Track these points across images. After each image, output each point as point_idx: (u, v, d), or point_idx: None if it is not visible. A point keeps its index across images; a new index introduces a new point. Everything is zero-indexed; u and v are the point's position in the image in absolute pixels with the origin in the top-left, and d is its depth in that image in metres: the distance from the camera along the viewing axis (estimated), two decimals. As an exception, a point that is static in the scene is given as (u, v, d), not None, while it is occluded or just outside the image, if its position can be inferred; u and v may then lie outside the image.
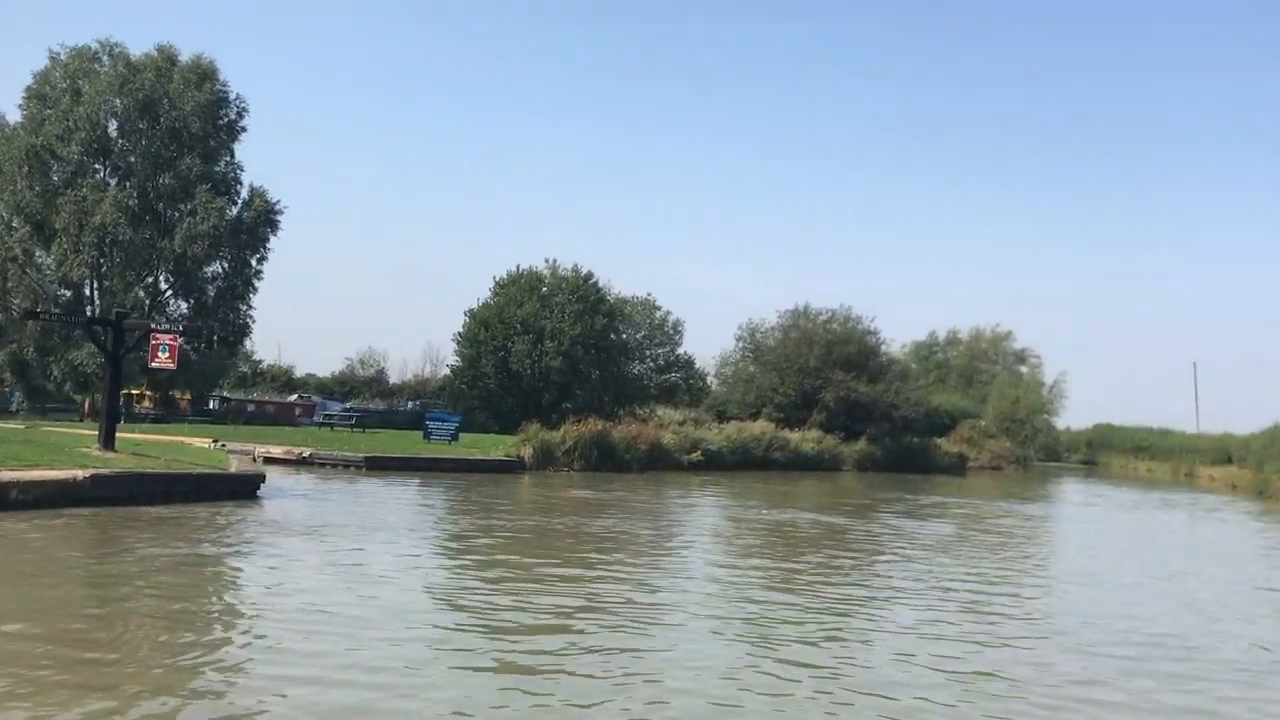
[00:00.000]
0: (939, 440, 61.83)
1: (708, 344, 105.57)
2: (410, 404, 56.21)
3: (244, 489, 20.53)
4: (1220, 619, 13.94)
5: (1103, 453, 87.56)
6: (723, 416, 51.63)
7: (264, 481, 21.41)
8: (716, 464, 41.56)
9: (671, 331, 57.16)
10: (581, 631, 10.68)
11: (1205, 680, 10.21)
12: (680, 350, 58.75)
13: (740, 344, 57.42)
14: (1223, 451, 68.29)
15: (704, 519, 24.53)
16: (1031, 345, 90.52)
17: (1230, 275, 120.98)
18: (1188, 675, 10.39)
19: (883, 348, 58.50)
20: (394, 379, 68.03)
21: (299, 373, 67.92)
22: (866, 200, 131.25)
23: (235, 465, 22.72)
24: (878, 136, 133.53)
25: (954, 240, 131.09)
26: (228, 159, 44.89)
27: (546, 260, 51.32)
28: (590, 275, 50.76)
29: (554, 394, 48.10)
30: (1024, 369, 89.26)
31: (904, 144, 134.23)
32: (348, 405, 52.39)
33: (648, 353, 57.85)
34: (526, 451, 34.32)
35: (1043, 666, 10.35)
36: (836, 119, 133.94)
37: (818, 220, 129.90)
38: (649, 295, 56.07)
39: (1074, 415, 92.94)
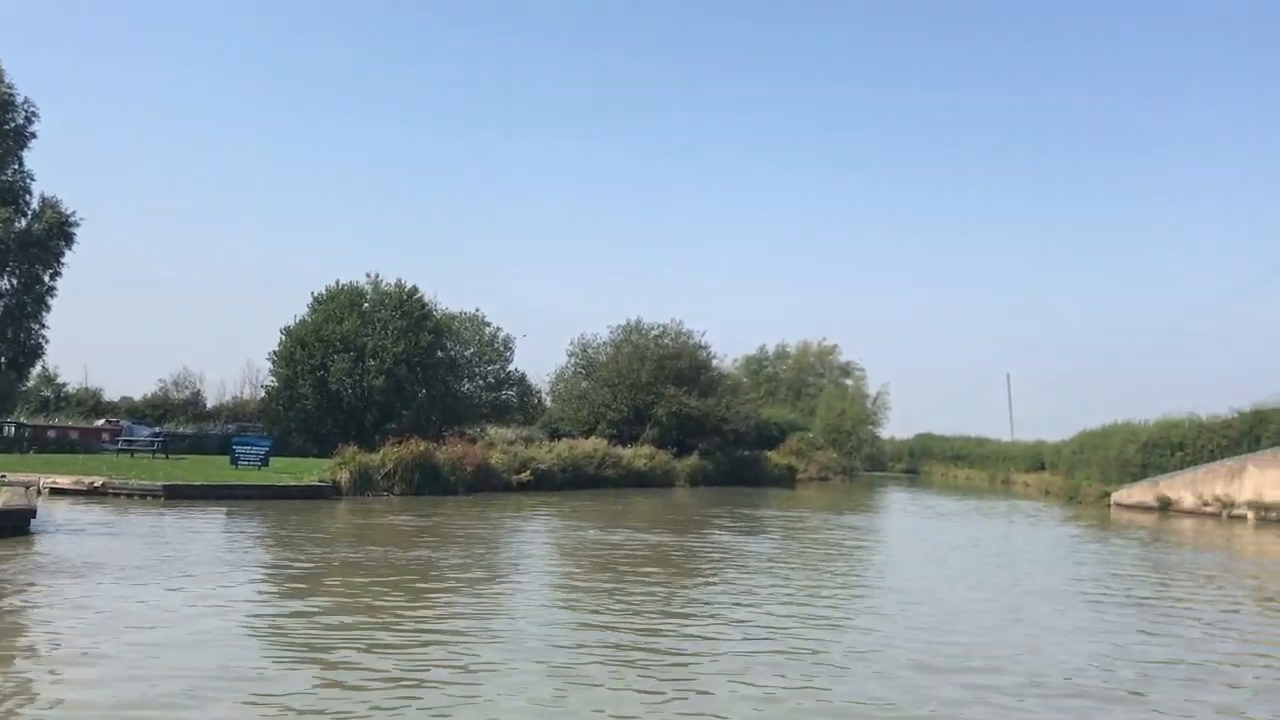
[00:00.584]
0: (769, 453, 62.60)
1: (544, 361, 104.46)
2: (227, 427, 53.22)
3: (8, 525, 18.45)
4: (1041, 632, 13.86)
5: (924, 461, 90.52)
6: (557, 434, 50.77)
7: (34, 516, 19.34)
8: (547, 484, 40.62)
9: (502, 348, 55.93)
10: (378, 673, 9.61)
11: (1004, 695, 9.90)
12: (511, 367, 57.56)
13: (573, 360, 56.71)
14: (1036, 458, 71.31)
15: (527, 543, 23.55)
16: (856, 358, 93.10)
17: (1040, 292, 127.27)
18: (995, 688, 10.06)
19: (714, 362, 58.79)
20: (211, 401, 64.46)
21: (111, 395, 63.55)
22: (699, 215, 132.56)
23: (3, 498, 20.49)
24: (714, 150, 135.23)
25: (785, 254, 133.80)
26: (15, 167, 41.56)
27: (368, 275, 49.42)
28: (415, 290, 49.10)
29: (377, 414, 46.22)
30: (849, 381, 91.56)
31: (734, 160, 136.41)
32: (156, 429, 49.15)
33: (477, 370, 56.44)
34: (342, 476, 32.56)
35: (858, 688, 9.85)
36: (679, 135, 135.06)
37: (649, 235, 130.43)
38: (478, 311, 54.70)
39: (897, 425, 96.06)
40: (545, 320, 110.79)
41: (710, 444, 52.91)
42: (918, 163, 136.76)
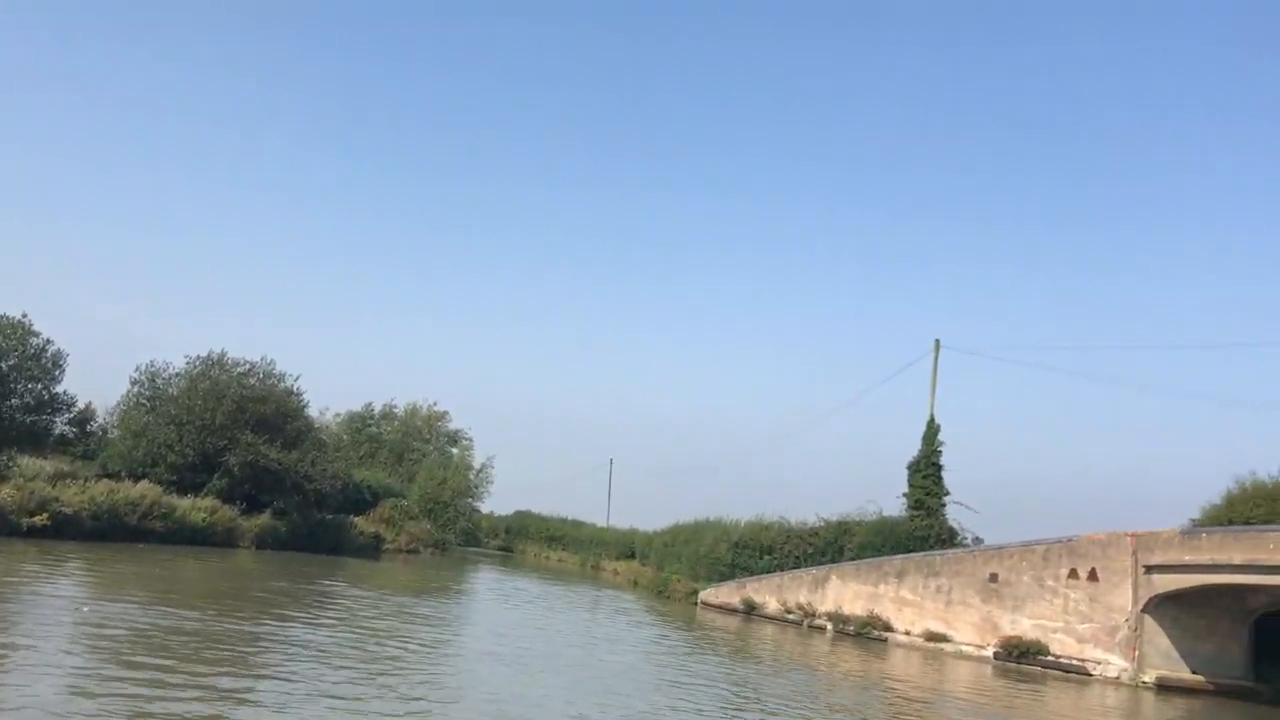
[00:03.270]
0: (356, 518, 57.30)
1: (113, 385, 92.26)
2: None
3: None
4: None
5: (520, 540, 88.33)
6: (111, 474, 42.91)
7: None
8: (71, 531, 33.60)
9: (50, 365, 47.09)
10: None
11: None
12: (61, 389, 48.59)
13: (136, 388, 48.78)
14: (628, 546, 70.93)
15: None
16: (466, 427, 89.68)
17: (652, 382, 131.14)
18: None
19: (307, 411, 53.05)
20: None
21: None
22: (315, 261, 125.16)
23: None
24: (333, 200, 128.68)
25: (398, 314, 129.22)
26: None
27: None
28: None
29: None
30: (455, 450, 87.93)
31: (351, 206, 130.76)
32: None
33: (16, 387, 47.12)
34: None
35: None
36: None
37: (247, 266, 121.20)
38: (24, 318, 45.78)
39: (499, 500, 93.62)
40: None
41: (288, 502, 47.05)
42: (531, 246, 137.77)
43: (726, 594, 42.98)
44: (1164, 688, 30.79)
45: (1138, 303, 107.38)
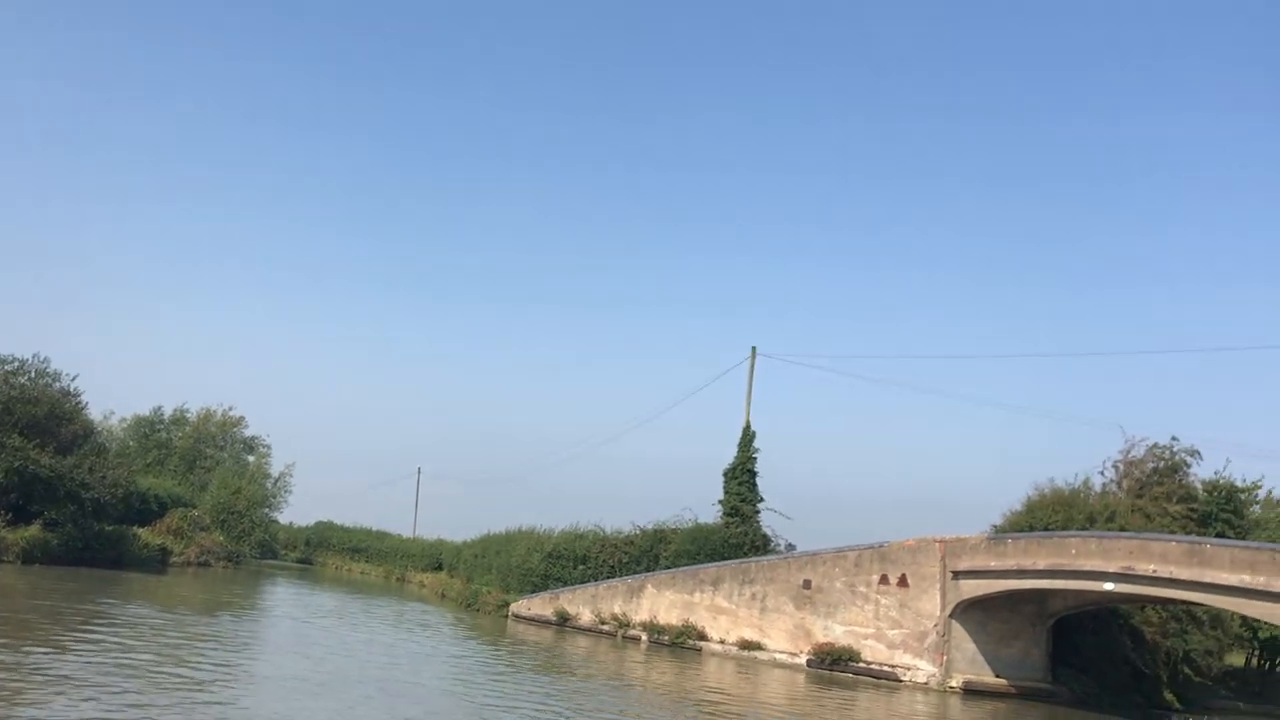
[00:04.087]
0: (141, 530, 53.05)
1: None
2: None
3: None
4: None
5: (321, 551, 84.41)
6: None
7: None
8: None
9: None
10: None
11: None
12: None
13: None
14: (436, 558, 68.59)
15: None
16: (264, 434, 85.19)
17: (459, 392, 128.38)
18: None
19: (85, 413, 48.77)
20: None
21: None
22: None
23: None
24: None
25: (199, 316, 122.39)
26: None
27: None
28: None
29: None
30: (252, 458, 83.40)
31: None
32: None
33: None
34: None
35: None
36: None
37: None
38: None
39: (300, 511, 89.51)
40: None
41: (61, 513, 42.94)
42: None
43: (539, 605, 41.69)
44: (970, 692, 31.34)
45: (957, 312, 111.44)
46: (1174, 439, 39.10)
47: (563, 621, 40.00)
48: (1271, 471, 78.74)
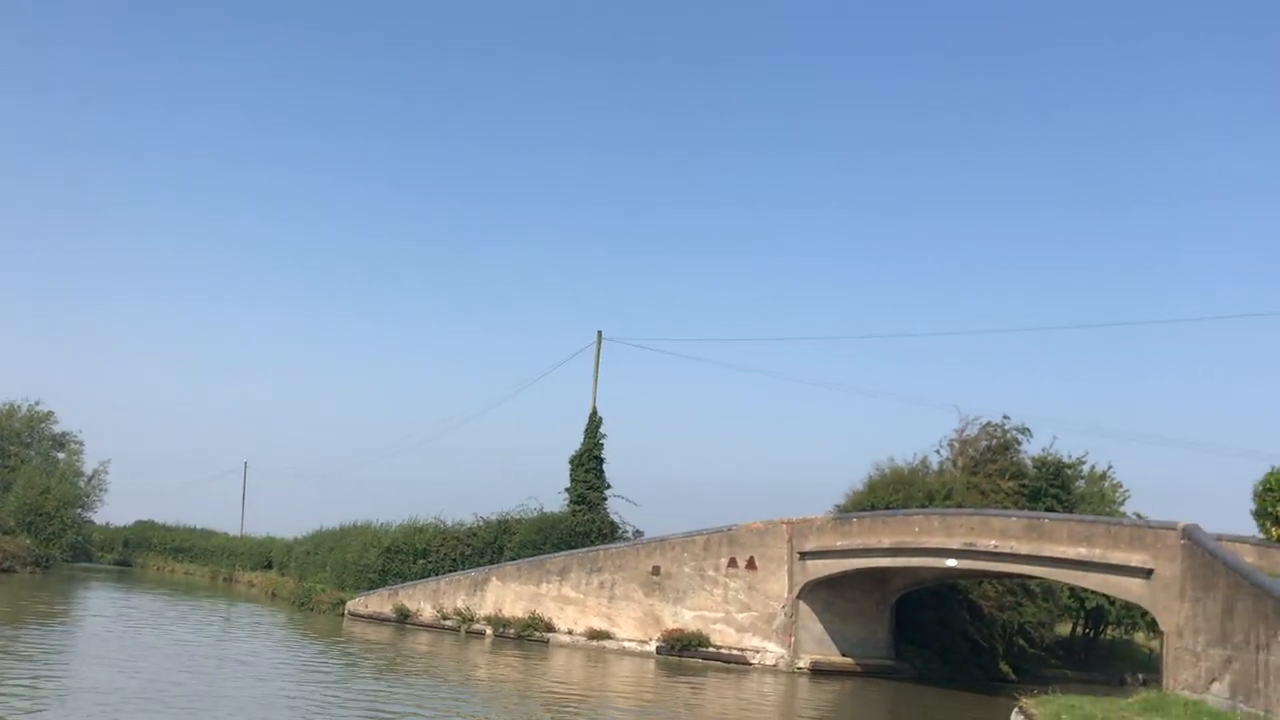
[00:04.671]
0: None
1: None
2: None
3: None
4: None
5: (141, 552, 79.70)
6: None
7: None
8: None
9: None
10: None
11: None
12: None
13: None
14: (265, 556, 65.50)
15: None
16: (76, 429, 79.75)
17: (286, 385, 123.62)
18: None
19: None
20: None
21: None
22: None
23: None
24: None
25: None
26: None
27: None
28: None
29: None
30: (62, 456, 78.03)
31: None
32: None
33: None
34: None
35: None
36: None
37: None
38: None
39: (117, 510, 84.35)
40: None
41: None
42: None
43: (377, 603, 39.95)
44: (817, 672, 31.44)
45: (809, 294, 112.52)
46: (1005, 418, 40.23)
47: (403, 618, 38.41)
48: (1095, 447, 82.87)
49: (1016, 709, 20.77)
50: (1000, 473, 38.05)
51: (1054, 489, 39.26)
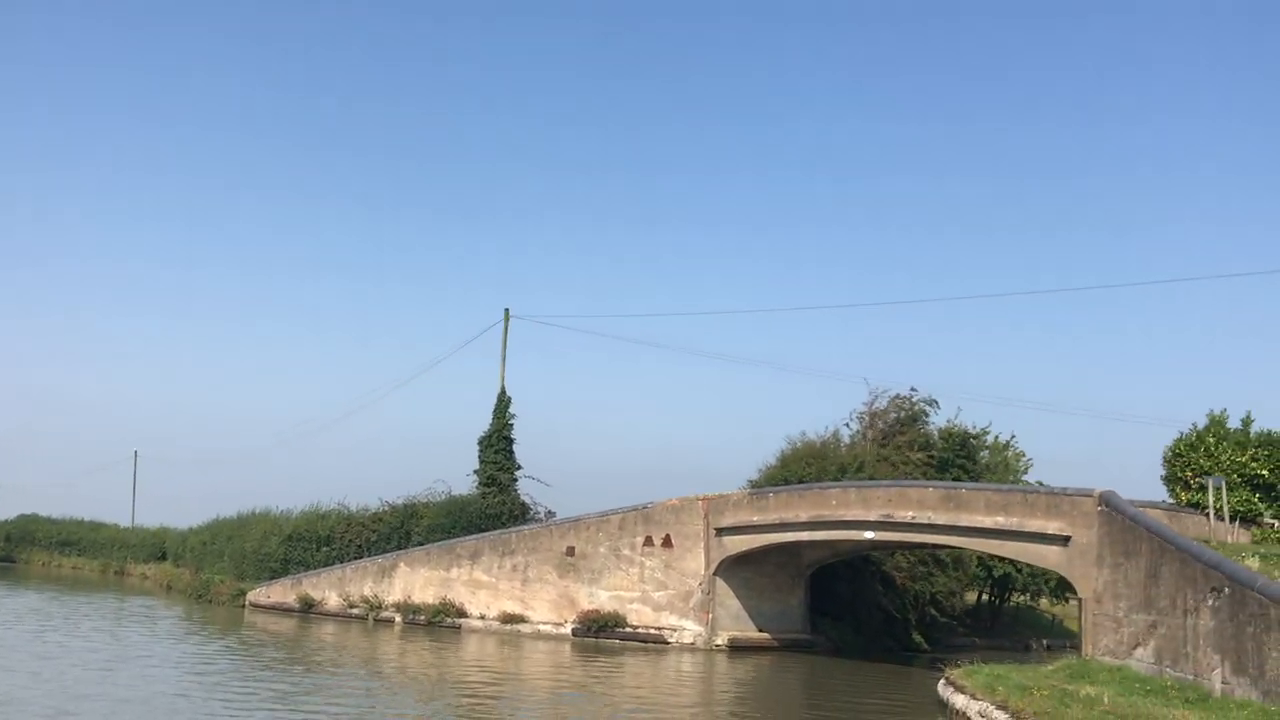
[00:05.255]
0: None
1: None
2: None
3: None
4: None
5: (25, 548, 76.08)
6: None
7: None
8: None
9: None
10: None
11: None
12: None
13: None
14: (158, 547, 63.07)
15: None
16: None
17: (172, 376, 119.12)
18: None
19: None
20: None
21: None
22: None
23: None
24: None
25: None
26: None
27: None
28: None
29: None
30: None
31: None
32: None
33: None
34: None
35: None
36: None
37: None
38: None
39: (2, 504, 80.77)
40: None
41: None
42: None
43: (280, 592, 38.54)
44: (735, 648, 31.20)
45: (722, 269, 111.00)
46: (913, 389, 40.48)
47: (307, 608, 37.12)
48: (997, 417, 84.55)
49: (943, 680, 20.70)
50: (909, 444, 38.27)
51: (960, 459, 39.66)
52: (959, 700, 17.78)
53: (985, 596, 45.29)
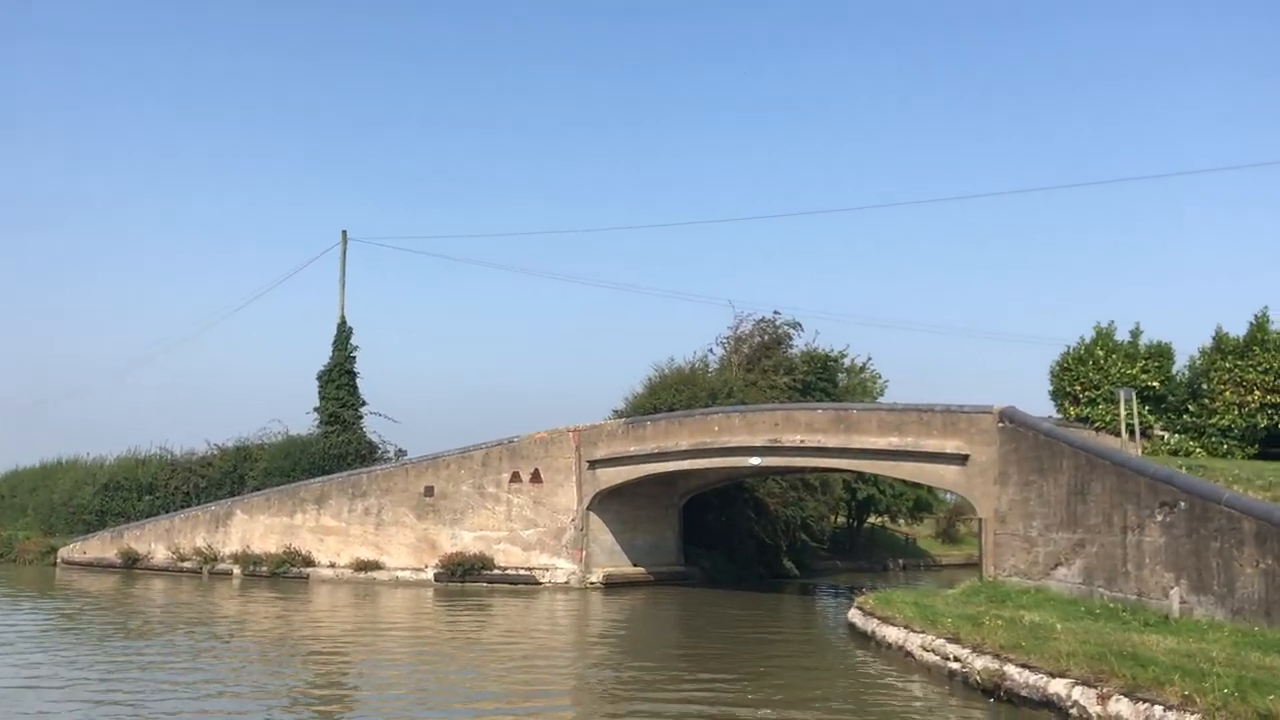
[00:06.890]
0: None
1: None
2: None
3: None
4: None
5: None
6: None
7: None
8: None
9: None
10: None
11: None
12: None
13: None
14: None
15: None
16: None
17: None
18: None
19: None
20: None
21: None
22: None
23: None
24: None
25: None
26: None
27: None
28: None
29: None
30: None
31: None
32: None
33: None
34: None
35: None
36: None
37: None
38: None
39: None
40: None
41: None
42: None
43: (98, 547, 34.71)
44: (610, 585, 29.61)
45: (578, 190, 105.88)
46: (776, 313, 39.53)
47: (131, 563, 33.54)
48: (856, 337, 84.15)
49: (856, 609, 19.51)
50: (775, 368, 37.34)
51: (822, 382, 38.98)
52: (892, 633, 16.41)
53: (845, 519, 45.19)
